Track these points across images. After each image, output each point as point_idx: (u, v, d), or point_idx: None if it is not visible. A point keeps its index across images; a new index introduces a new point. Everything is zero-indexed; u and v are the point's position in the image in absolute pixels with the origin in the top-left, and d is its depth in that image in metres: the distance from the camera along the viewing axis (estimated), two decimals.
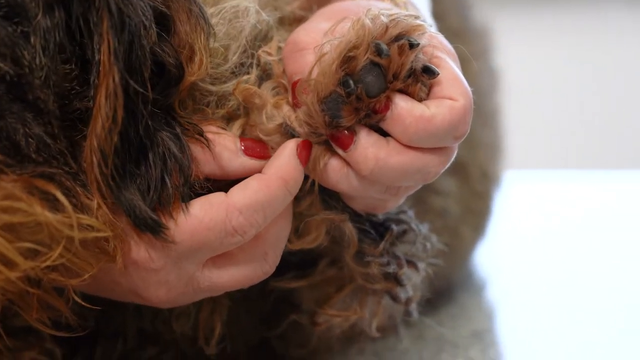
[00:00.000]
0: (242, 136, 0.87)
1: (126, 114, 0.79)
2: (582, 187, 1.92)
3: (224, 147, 0.85)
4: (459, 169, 1.22)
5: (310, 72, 0.85)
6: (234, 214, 0.83)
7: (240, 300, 0.96)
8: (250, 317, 1.00)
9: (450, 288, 1.30)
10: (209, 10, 0.88)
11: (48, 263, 0.79)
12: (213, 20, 0.87)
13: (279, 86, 0.88)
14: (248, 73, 0.88)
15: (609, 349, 1.10)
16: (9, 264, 0.77)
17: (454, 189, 1.21)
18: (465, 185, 1.24)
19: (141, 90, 0.80)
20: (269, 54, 0.88)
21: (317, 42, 0.85)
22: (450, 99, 0.85)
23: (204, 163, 0.84)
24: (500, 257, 1.47)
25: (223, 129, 0.86)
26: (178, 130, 0.83)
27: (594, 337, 1.14)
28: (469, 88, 0.86)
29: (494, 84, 1.36)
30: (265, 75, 0.89)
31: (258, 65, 0.89)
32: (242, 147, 0.86)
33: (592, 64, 3.23)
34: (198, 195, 0.84)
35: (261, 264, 0.88)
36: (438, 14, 1.24)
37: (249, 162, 0.86)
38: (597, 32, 3.25)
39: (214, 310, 0.94)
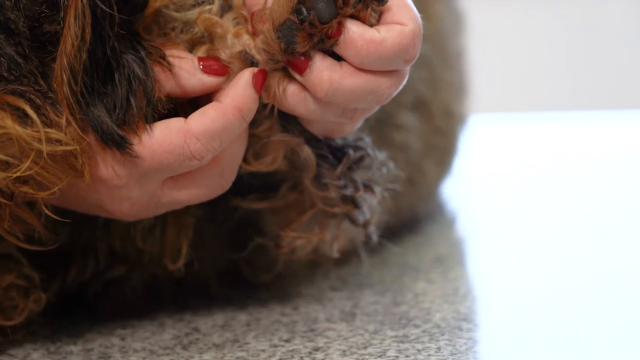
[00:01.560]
0: None
1: (94, 34, 0.83)
2: (547, 128, 1.95)
3: (182, 65, 0.89)
4: (420, 106, 1.26)
5: (265, 2, 0.89)
6: (191, 140, 0.88)
7: (206, 221, 1.00)
8: (216, 241, 1.04)
9: (416, 220, 1.34)
10: None
11: (18, 174, 0.83)
12: None
13: (240, 17, 0.92)
14: (211, 3, 0.91)
15: (572, 284, 1.13)
16: None
17: (415, 124, 1.25)
18: (427, 122, 1.28)
19: (108, 10, 0.83)
20: None
21: None
22: (400, 24, 0.89)
23: (164, 82, 0.89)
24: (469, 195, 1.51)
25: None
26: (143, 53, 0.87)
27: (558, 273, 1.17)
28: (417, 14, 0.91)
29: (458, 27, 1.40)
30: (227, 6, 0.93)
31: None
32: (201, 65, 0.90)
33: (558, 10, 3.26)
34: (161, 116, 0.89)
35: (218, 181, 0.92)
36: None
37: (207, 79, 0.90)
38: None
39: (179, 231, 0.98)
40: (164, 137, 0.88)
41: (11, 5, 0.82)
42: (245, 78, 0.90)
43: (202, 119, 0.89)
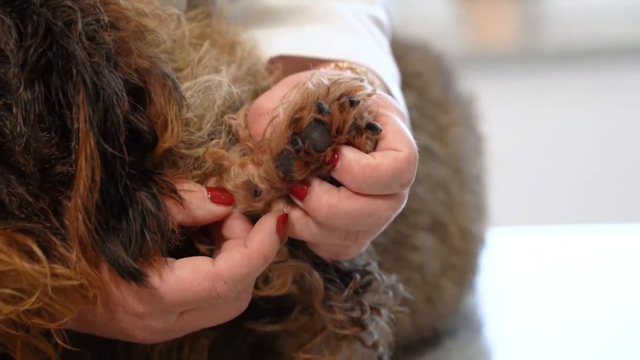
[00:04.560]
0: None
1: (105, 174, 0.87)
2: (566, 240, 1.95)
3: (192, 196, 0.93)
4: (438, 227, 1.28)
5: (264, 133, 0.92)
6: (219, 283, 0.91)
7: (221, 342, 1.02)
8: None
9: (436, 335, 1.35)
10: (185, 85, 0.96)
11: (26, 307, 0.86)
12: (188, 93, 0.95)
13: (246, 148, 0.96)
14: (219, 137, 0.95)
15: None
16: None
17: (432, 245, 1.27)
18: (444, 243, 1.30)
19: (117, 153, 0.87)
20: (234, 119, 0.96)
21: (274, 106, 0.93)
22: (395, 150, 0.92)
23: (176, 213, 0.92)
24: (490, 309, 1.51)
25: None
26: (155, 189, 0.90)
27: None
28: (413, 140, 0.93)
29: (477, 149, 1.42)
30: (234, 139, 0.97)
31: (229, 131, 0.96)
32: (209, 196, 0.93)
33: (572, 124, 3.29)
34: (176, 247, 0.92)
35: (236, 304, 0.95)
36: (420, 88, 1.32)
37: (216, 209, 0.94)
38: (574, 93, 3.31)
39: (194, 352, 1.01)
40: (193, 278, 0.90)
41: (21, 149, 0.86)
42: (269, 225, 0.92)
43: (230, 262, 0.91)
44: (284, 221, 0.93)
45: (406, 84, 1.18)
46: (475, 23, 3.47)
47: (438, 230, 1.28)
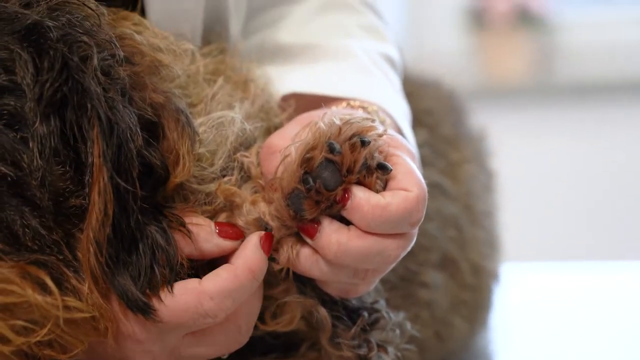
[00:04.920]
0: None
1: (117, 208, 0.87)
2: (578, 277, 1.95)
3: (201, 229, 0.93)
4: (448, 264, 1.28)
5: (275, 172, 0.93)
6: (205, 300, 0.91)
7: None
8: None
9: None
10: (199, 120, 0.96)
11: (38, 339, 0.87)
12: (202, 129, 0.96)
13: (258, 186, 0.96)
14: (231, 174, 0.96)
15: None
16: (3, 339, 0.86)
17: (442, 282, 1.27)
18: (454, 280, 1.29)
19: (130, 188, 0.88)
20: (246, 156, 0.97)
21: (287, 145, 0.93)
22: (405, 189, 0.92)
23: (184, 246, 0.92)
24: (501, 345, 1.51)
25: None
26: (164, 224, 0.91)
27: None
28: (422, 180, 0.93)
29: (488, 186, 1.42)
30: (246, 176, 0.97)
31: (241, 168, 0.97)
32: (217, 230, 0.94)
33: (584, 159, 3.30)
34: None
35: (236, 336, 0.95)
36: (431, 125, 1.32)
37: (224, 243, 0.94)
38: (586, 127, 3.31)
39: None
40: (179, 296, 0.91)
41: (37, 183, 0.86)
42: (254, 241, 0.93)
43: (215, 279, 0.92)
44: (267, 237, 0.93)
45: (418, 121, 1.18)
46: (488, 56, 3.48)
47: (448, 267, 1.28)
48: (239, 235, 0.94)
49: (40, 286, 0.86)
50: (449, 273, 1.28)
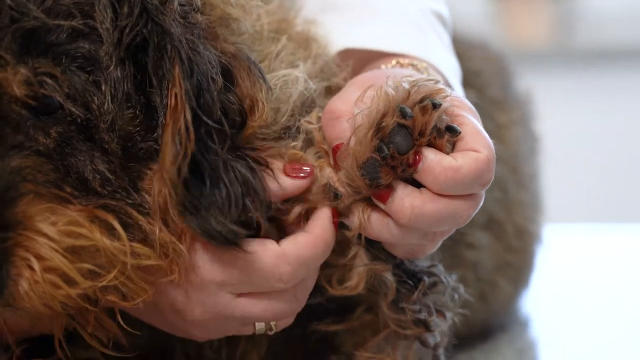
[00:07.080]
0: None
1: (199, 148, 0.84)
2: (615, 238, 1.93)
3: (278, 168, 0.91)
4: (493, 226, 1.25)
5: (348, 142, 0.90)
6: (283, 263, 0.89)
7: (281, 340, 1.00)
8: (292, 357, 1.03)
9: (488, 330, 1.32)
10: None
11: (104, 283, 0.84)
12: None
13: (321, 151, 0.94)
14: (292, 137, 0.93)
15: None
16: (70, 282, 0.83)
17: (488, 243, 1.24)
18: (499, 241, 1.27)
19: (214, 125, 0.85)
20: (310, 122, 0.94)
21: (350, 110, 0.91)
22: (474, 150, 0.89)
23: (269, 181, 0.90)
24: (542, 304, 1.48)
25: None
26: (249, 160, 0.88)
27: None
28: (490, 140, 0.91)
29: (533, 148, 1.39)
30: (309, 140, 0.94)
31: (304, 132, 0.94)
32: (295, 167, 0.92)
33: (607, 122, 3.27)
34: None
35: (291, 303, 0.93)
36: (479, 87, 1.29)
37: (299, 182, 0.91)
38: (605, 93, 3.28)
39: (252, 345, 0.98)
40: (261, 253, 0.89)
41: (107, 127, 0.84)
42: (326, 214, 0.92)
43: (295, 244, 0.90)
44: (335, 213, 0.92)
45: (466, 82, 1.15)
46: (509, 21, 3.44)
47: (493, 229, 1.25)
48: (312, 174, 0.92)
49: (108, 231, 0.84)
50: (494, 234, 1.25)
